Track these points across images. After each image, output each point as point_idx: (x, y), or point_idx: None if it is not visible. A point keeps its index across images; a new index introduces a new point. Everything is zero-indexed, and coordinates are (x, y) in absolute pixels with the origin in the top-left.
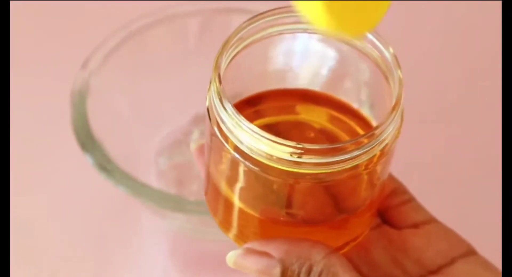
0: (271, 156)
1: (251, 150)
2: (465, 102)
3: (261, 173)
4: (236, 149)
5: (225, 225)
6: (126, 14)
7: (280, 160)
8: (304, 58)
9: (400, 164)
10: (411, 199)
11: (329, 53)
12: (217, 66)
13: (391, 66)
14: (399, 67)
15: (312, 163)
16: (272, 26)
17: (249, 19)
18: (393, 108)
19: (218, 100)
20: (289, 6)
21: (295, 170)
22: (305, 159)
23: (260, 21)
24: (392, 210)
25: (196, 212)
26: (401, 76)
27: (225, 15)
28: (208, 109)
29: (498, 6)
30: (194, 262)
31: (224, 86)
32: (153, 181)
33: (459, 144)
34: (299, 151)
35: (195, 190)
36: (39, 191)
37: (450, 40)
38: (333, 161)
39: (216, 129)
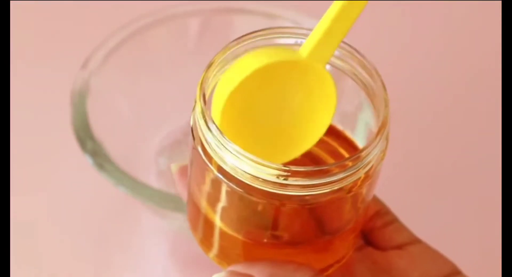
0: (256, 177)
1: (235, 171)
2: (465, 102)
3: (245, 194)
4: (220, 169)
5: (206, 244)
6: (126, 14)
7: (265, 181)
8: None
9: (400, 163)
10: (394, 220)
11: None
12: (202, 86)
13: (376, 88)
14: (385, 89)
15: (298, 185)
16: (259, 47)
17: (236, 39)
18: (379, 131)
19: (202, 120)
20: (276, 27)
21: (281, 192)
22: (291, 181)
23: (247, 42)
24: (375, 231)
25: None
26: (387, 98)
27: (225, 15)
28: (192, 129)
29: (498, 6)
30: (194, 262)
31: (210, 106)
32: (153, 181)
33: (459, 144)
34: (285, 173)
35: None
36: (39, 191)
37: (450, 40)
38: (318, 184)
39: (200, 149)
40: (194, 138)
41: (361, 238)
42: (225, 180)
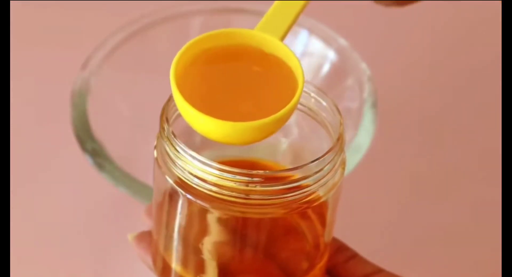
0: (220, 186)
1: (198, 184)
2: (465, 102)
3: (208, 207)
4: (180, 182)
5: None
6: (126, 14)
7: (230, 189)
8: None
9: (400, 164)
10: (355, 254)
11: None
12: (164, 111)
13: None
14: (340, 114)
15: (261, 191)
16: None
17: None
18: (329, 150)
19: (164, 136)
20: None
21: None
22: (256, 187)
23: None
24: (339, 266)
25: None
26: (341, 120)
27: (225, 15)
28: (156, 159)
29: (498, 6)
30: None
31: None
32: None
33: (459, 144)
34: (251, 178)
35: None
36: (39, 191)
37: (450, 40)
38: (280, 189)
39: (159, 165)
40: (159, 166)
41: (326, 275)
42: (183, 192)
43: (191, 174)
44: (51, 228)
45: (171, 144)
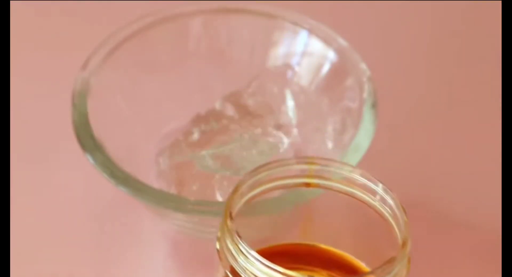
0: None
1: None
2: (465, 102)
3: None
4: None
5: None
6: (126, 14)
7: None
8: None
9: (400, 163)
10: None
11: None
12: (229, 206)
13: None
14: (404, 211)
15: None
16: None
17: (259, 167)
18: (391, 260)
19: (229, 238)
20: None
21: None
22: None
23: (270, 171)
24: None
25: (196, 212)
26: (406, 220)
27: (225, 15)
28: (218, 251)
29: (498, 6)
30: (194, 262)
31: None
32: (153, 181)
33: (459, 144)
34: None
35: (195, 190)
36: (39, 191)
37: (450, 40)
38: None
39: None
40: (220, 257)
41: None
42: None
43: (254, 276)
44: (51, 228)
45: (235, 243)
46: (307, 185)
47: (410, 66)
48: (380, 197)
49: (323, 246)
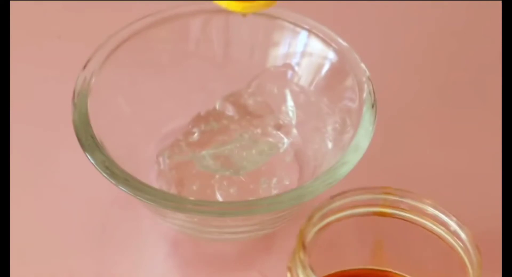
0: None
1: None
2: (465, 102)
3: None
4: None
5: None
6: (127, 14)
7: None
8: None
9: (399, 163)
10: None
11: None
12: (302, 235)
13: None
14: (478, 250)
15: None
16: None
17: (334, 196)
18: None
19: (301, 268)
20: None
21: None
22: None
23: (345, 199)
24: None
25: (196, 212)
26: (479, 258)
27: (225, 15)
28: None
29: (498, 6)
30: (194, 262)
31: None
32: (153, 181)
33: (459, 144)
34: None
35: (195, 190)
36: (39, 191)
37: (449, 40)
38: None
39: None
40: None
41: None
42: None
43: None
44: (51, 227)
45: (306, 275)
46: (381, 214)
47: (409, 66)
48: (454, 230)
49: (397, 272)
